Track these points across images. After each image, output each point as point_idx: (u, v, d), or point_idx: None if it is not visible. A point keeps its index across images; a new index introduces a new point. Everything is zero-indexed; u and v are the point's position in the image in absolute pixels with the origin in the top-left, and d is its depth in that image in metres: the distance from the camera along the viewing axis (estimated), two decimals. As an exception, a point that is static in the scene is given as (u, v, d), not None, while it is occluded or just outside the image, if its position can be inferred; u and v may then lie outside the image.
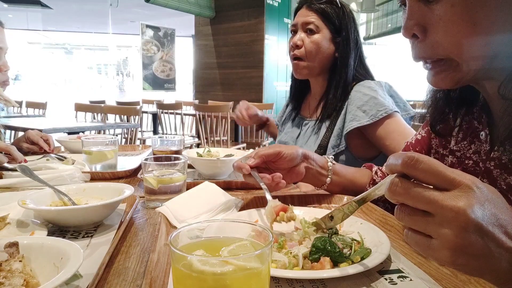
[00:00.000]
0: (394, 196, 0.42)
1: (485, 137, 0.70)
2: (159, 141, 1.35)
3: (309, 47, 1.33)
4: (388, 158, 0.44)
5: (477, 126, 0.73)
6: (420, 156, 0.41)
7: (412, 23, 0.61)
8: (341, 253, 0.59)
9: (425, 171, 0.41)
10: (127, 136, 3.93)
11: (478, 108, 0.74)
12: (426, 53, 0.62)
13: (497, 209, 0.40)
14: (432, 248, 0.41)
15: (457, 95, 0.75)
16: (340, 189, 0.96)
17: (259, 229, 0.45)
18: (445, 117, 0.79)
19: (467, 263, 0.40)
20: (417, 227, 0.42)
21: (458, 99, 0.76)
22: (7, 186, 1.02)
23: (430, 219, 0.40)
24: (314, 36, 1.33)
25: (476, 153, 0.72)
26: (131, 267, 0.59)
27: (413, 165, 0.41)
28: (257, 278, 0.40)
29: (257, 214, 0.79)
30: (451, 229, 0.39)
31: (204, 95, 6.52)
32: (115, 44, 17.72)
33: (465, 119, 0.77)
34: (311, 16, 1.33)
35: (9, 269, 0.49)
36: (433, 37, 0.60)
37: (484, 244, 0.39)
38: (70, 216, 0.73)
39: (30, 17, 12.16)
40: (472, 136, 0.74)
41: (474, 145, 0.73)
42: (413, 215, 0.41)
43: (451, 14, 0.58)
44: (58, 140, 1.63)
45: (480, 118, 0.73)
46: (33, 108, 5.16)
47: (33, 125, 3.00)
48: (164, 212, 0.78)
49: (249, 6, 5.91)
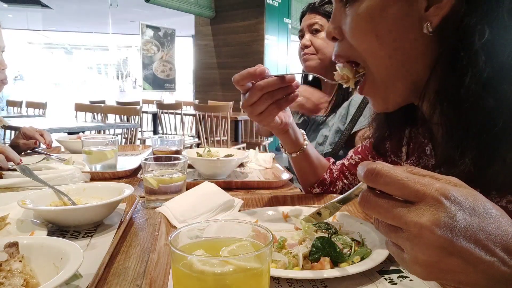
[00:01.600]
0: (364, 210, 0.41)
1: (430, 152, 0.71)
2: (159, 141, 1.35)
3: (317, 44, 1.41)
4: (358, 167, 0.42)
5: (423, 140, 0.74)
6: (382, 169, 0.38)
7: (332, 26, 0.65)
8: (341, 253, 0.59)
9: (388, 184, 0.38)
10: (127, 136, 3.93)
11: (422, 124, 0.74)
12: (343, 51, 0.65)
13: (474, 219, 0.36)
14: (405, 262, 0.39)
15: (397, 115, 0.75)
16: (308, 163, 0.96)
17: (259, 229, 0.45)
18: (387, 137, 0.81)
19: (443, 277, 0.38)
20: (390, 238, 0.40)
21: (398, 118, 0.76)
22: (7, 186, 1.02)
23: (400, 233, 0.38)
24: (321, 34, 1.41)
25: (425, 167, 0.72)
26: (131, 267, 0.59)
27: (374, 179, 0.39)
28: (257, 278, 0.40)
29: (257, 214, 0.79)
30: (418, 245, 0.37)
31: (204, 95, 6.52)
32: (115, 44, 17.73)
33: (412, 135, 0.78)
34: (314, 18, 1.41)
35: (9, 269, 0.49)
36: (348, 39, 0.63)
37: (457, 260, 0.36)
38: (70, 216, 0.73)
39: (30, 17, 12.16)
40: (419, 151, 0.75)
41: (422, 160, 0.74)
42: (386, 227, 0.40)
43: (356, 21, 0.60)
44: (58, 140, 1.63)
45: (424, 133, 0.74)
46: (33, 108, 5.16)
47: (33, 125, 3.00)
48: (164, 212, 0.78)
49: (249, 6, 5.92)
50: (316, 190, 0.98)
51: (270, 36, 5.92)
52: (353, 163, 0.98)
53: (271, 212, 0.79)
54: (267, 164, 1.36)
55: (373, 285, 0.54)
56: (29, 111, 5.18)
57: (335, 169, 1.02)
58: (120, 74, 20.21)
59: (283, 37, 6.18)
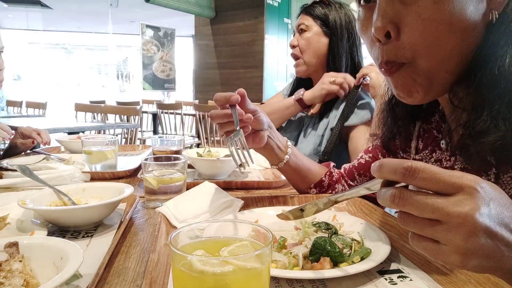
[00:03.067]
0: (398, 208, 0.41)
1: (446, 146, 0.71)
2: (159, 141, 1.35)
3: (301, 44, 1.46)
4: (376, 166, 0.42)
5: (437, 135, 0.74)
6: (418, 165, 0.40)
7: (386, 21, 0.57)
8: (341, 253, 0.59)
9: (425, 180, 0.39)
10: (127, 136, 3.93)
11: (437, 117, 0.74)
12: (397, 55, 0.59)
13: (502, 207, 0.40)
14: (441, 253, 0.40)
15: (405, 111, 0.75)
16: (295, 173, 0.95)
17: (259, 229, 0.45)
18: (395, 135, 0.80)
19: (478, 264, 0.40)
20: (424, 233, 0.41)
21: (407, 117, 0.76)
22: (7, 186, 1.02)
23: (437, 226, 0.39)
24: (305, 33, 1.45)
25: (438, 161, 0.72)
26: (131, 267, 0.59)
27: (411, 175, 0.40)
28: (257, 278, 0.40)
29: (257, 214, 0.79)
30: (459, 234, 0.38)
31: (204, 95, 6.51)
32: (115, 44, 17.71)
33: (423, 128, 0.78)
34: (302, 18, 1.47)
35: (9, 269, 0.49)
36: (406, 37, 0.57)
37: (493, 245, 0.39)
38: (70, 216, 0.73)
39: (30, 17, 12.15)
40: (432, 145, 0.74)
41: (436, 153, 0.73)
42: (418, 222, 0.41)
43: (432, 11, 0.54)
44: (58, 140, 1.63)
45: (439, 127, 0.73)
46: (33, 108, 5.16)
47: (33, 125, 3.00)
48: (164, 212, 0.78)
49: (249, 6, 5.91)
50: (314, 191, 0.98)
51: (270, 36, 5.92)
52: (363, 162, 0.97)
53: (271, 212, 0.79)
54: (267, 164, 1.36)
55: (373, 285, 0.54)
56: (29, 111, 5.18)
57: (336, 172, 1.01)
58: (120, 74, 20.19)
59: (283, 37, 6.18)
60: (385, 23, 0.57)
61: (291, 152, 0.92)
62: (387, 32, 0.57)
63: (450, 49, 0.57)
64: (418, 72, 0.59)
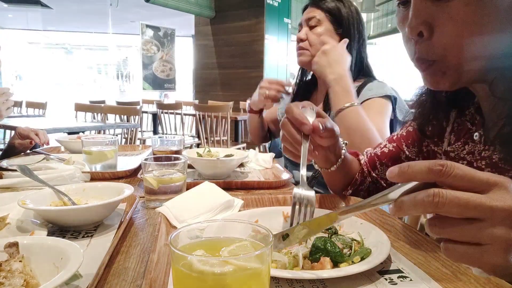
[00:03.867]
0: (438, 208, 0.39)
1: (479, 138, 0.70)
2: (159, 141, 1.35)
3: (311, 38, 1.41)
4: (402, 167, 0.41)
5: (470, 127, 0.74)
6: (451, 163, 0.40)
7: (419, 21, 0.59)
8: (341, 253, 0.59)
9: (460, 178, 0.39)
10: (127, 136, 3.93)
11: (472, 110, 0.74)
12: (428, 53, 0.61)
13: None
14: (486, 255, 0.39)
15: (445, 99, 0.75)
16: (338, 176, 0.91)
17: (259, 229, 0.45)
18: (433, 120, 0.79)
19: None
20: (466, 236, 0.40)
21: (446, 102, 0.76)
22: (7, 186, 1.02)
23: (480, 224, 0.39)
24: (316, 29, 1.41)
25: (470, 154, 0.72)
26: (131, 267, 0.59)
27: (446, 172, 0.39)
28: (257, 278, 0.40)
29: (257, 214, 0.79)
30: (505, 229, 0.38)
31: (204, 95, 6.51)
32: (115, 44, 17.71)
33: (456, 121, 0.77)
34: (314, 12, 1.41)
35: (9, 269, 0.49)
36: (438, 37, 0.59)
37: None
38: (70, 216, 0.73)
39: (30, 17, 12.16)
40: (465, 137, 0.74)
41: (468, 145, 0.73)
42: (458, 224, 0.39)
43: (464, 13, 0.56)
44: (58, 140, 1.63)
45: (473, 119, 0.73)
46: (33, 108, 5.16)
47: (33, 125, 3.00)
48: (164, 212, 0.78)
49: (249, 6, 5.91)
50: (349, 192, 0.95)
51: (270, 36, 5.92)
52: (386, 151, 0.94)
53: (271, 212, 0.79)
54: (267, 164, 1.36)
55: (373, 285, 0.54)
56: (29, 111, 5.18)
57: (364, 165, 0.98)
58: (120, 74, 20.21)
59: (283, 37, 6.18)
60: (418, 23, 0.59)
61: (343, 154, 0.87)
62: (420, 31, 0.60)
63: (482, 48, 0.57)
64: (448, 67, 0.61)
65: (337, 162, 0.86)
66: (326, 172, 0.89)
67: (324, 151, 0.82)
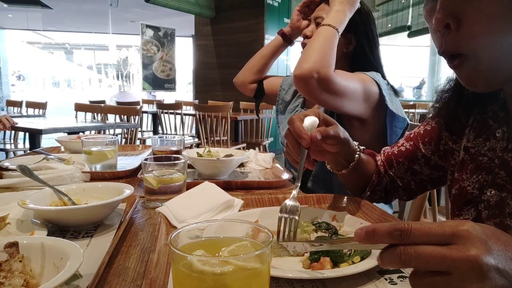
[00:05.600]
0: (406, 265, 0.40)
1: (502, 135, 0.70)
2: (159, 141, 1.35)
3: None
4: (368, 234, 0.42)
5: (492, 124, 0.73)
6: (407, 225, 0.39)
7: (447, 13, 0.57)
8: (341, 253, 0.59)
9: (419, 236, 0.39)
10: (127, 136, 3.93)
11: (495, 107, 0.73)
12: (455, 46, 0.59)
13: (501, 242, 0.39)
14: None
15: (470, 96, 0.74)
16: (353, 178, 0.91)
17: (259, 229, 0.45)
18: (457, 117, 0.78)
19: None
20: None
21: (471, 100, 0.75)
22: (7, 186, 1.02)
23: (449, 278, 0.38)
24: None
25: (491, 150, 0.72)
26: (131, 267, 0.59)
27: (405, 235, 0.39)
28: (257, 278, 0.40)
29: (257, 214, 0.79)
30: (472, 281, 0.37)
31: (204, 95, 6.52)
32: (115, 44, 17.72)
33: (477, 118, 0.77)
34: (324, 11, 1.34)
35: (9, 269, 0.49)
36: (467, 30, 0.57)
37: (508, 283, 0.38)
38: (70, 216, 0.73)
39: (30, 17, 12.16)
40: (487, 134, 0.74)
41: (489, 142, 0.73)
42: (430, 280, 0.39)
43: (495, 7, 0.54)
44: (58, 140, 1.63)
45: (496, 116, 0.73)
46: (33, 108, 5.16)
47: (33, 125, 3.00)
48: (164, 212, 0.78)
49: (249, 6, 5.92)
50: (367, 194, 0.94)
51: (270, 36, 5.92)
52: (403, 150, 0.93)
53: (271, 212, 0.79)
54: (267, 164, 1.36)
55: (373, 285, 0.54)
56: (29, 111, 5.17)
57: (380, 165, 0.97)
58: (120, 74, 20.21)
59: (283, 37, 6.17)
60: (445, 15, 0.58)
61: (357, 158, 0.87)
62: (447, 23, 0.58)
63: None
64: (481, 63, 0.59)
65: (349, 165, 0.86)
66: (339, 174, 0.90)
67: (332, 156, 0.83)
